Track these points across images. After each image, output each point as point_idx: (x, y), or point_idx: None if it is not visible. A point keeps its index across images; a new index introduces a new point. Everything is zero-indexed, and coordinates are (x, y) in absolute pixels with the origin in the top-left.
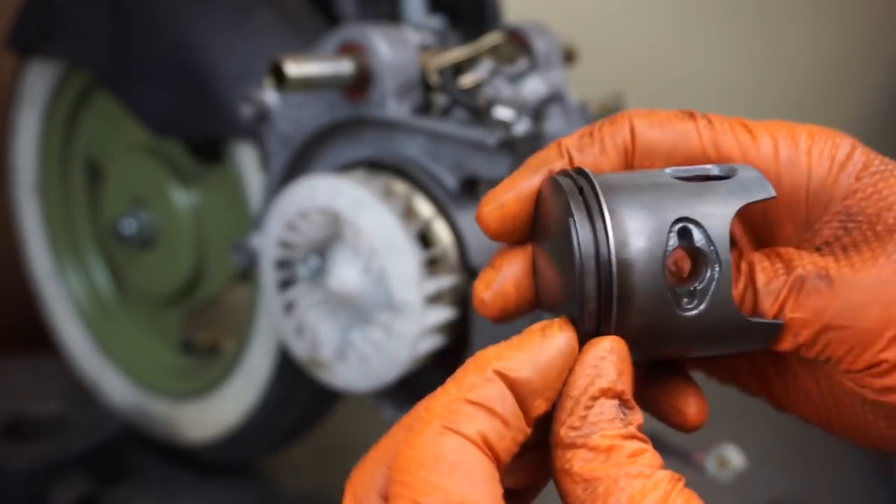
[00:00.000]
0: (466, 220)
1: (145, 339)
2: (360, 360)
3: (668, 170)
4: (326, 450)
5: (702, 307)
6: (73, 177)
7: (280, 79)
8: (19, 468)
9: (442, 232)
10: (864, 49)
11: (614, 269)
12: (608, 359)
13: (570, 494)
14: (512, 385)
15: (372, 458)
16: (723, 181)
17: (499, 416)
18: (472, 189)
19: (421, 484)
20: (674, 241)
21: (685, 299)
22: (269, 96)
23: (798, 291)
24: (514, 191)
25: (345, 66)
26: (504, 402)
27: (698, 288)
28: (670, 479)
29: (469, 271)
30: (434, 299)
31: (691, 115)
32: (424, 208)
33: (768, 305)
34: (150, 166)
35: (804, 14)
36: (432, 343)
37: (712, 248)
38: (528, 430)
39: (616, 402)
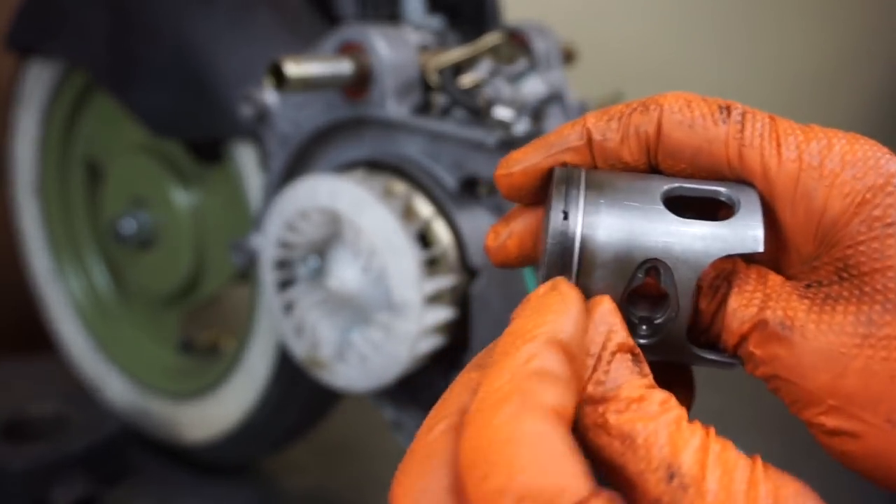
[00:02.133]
0: (466, 219)
1: (145, 339)
2: (359, 360)
3: (675, 183)
4: (326, 450)
5: (654, 340)
6: (73, 177)
7: (280, 79)
8: (19, 468)
9: (441, 232)
10: (864, 49)
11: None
12: (616, 317)
13: (605, 448)
14: (565, 348)
15: (419, 457)
16: (715, 224)
17: (563, 383)
18: (471, 189)
19: (507, 467)
20: (641, 275)
21: (643, 326)
22: (269, 96)
23: (760, 331)
24: (522, 164)
25: (344, 66)
26: (563, 367)
27: (656, 321)
28: (702, 426)
29: (469, 271)
30: (434, 299)
31: (727, 114)
32: (424, 208)
33: (730, 332)
34: (150, 166)
35: (804, 13)
36: (432, 343)
37: (675, 292)
38: (584, 390)
39: (629, 356)
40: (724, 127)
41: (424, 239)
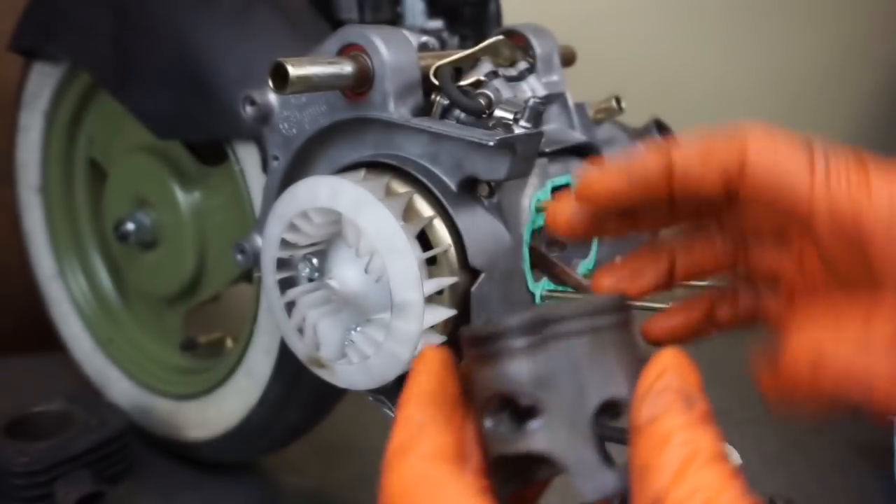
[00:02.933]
0: (467, 219)
1: (148, 338)
2: (360, 360)
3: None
4: (326, 449)
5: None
6: (76, 177)
7: (281, 80)
8: (22, 467)
9: (442, 232)
10: (862, 50)
11: None
12: (671, 368)
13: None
14: (431, 399)
15: None
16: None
17: (436, 428)
18: (472, 189)
19: None
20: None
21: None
22: (271, 97)
23: None
24: (605, 185)
25: (345, 68)
26: (433, 414)
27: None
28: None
29: (469, 271)
30: (434, 299)
31: (810, 153)
32: (425, 208)
33: None
34: (153, 167)
35: (801, 14)
36: (432, 342)
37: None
38: (458, 424)
39: (682, 397)
40: (809, 176)
41: (425, 239)
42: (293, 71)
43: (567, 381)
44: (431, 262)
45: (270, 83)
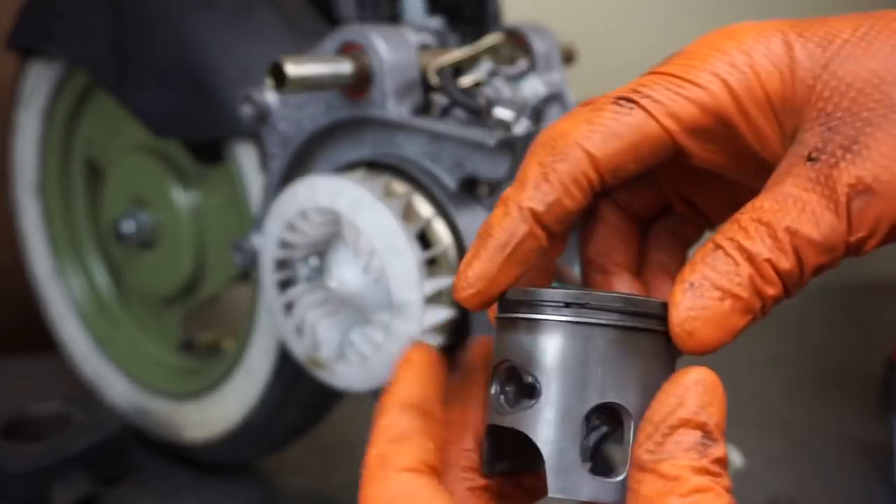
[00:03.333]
0: (466, 220)
1: (146, 339)
2: (359, 360)
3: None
4: (326, 450)
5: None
6: (74, 177)
7: (280, 79)
8: (19, 468)
9: (442, 232)
10: None
11: None
12: (693, 390)
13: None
14: (416, 407)
15: None
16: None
17: (417, 439)
18: (471, 189)
19: None
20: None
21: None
22: (269, 97)
23: None
24: (482, 281)
25: (345, 67)
26: (416, 424)
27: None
28: None
29: None
30: (434, 299)
31: (629, 101)
32: (424, 208)
33: None
34: (151, 166)
35: (801, 15)
36: (432, 343)
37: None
38: (436, 427)
39: (698, 433)
40: (639, 109)
41: (424, 239)
42: (292, 70)
43: (572, 370)
44: (431, 262)
45: (269, 82)
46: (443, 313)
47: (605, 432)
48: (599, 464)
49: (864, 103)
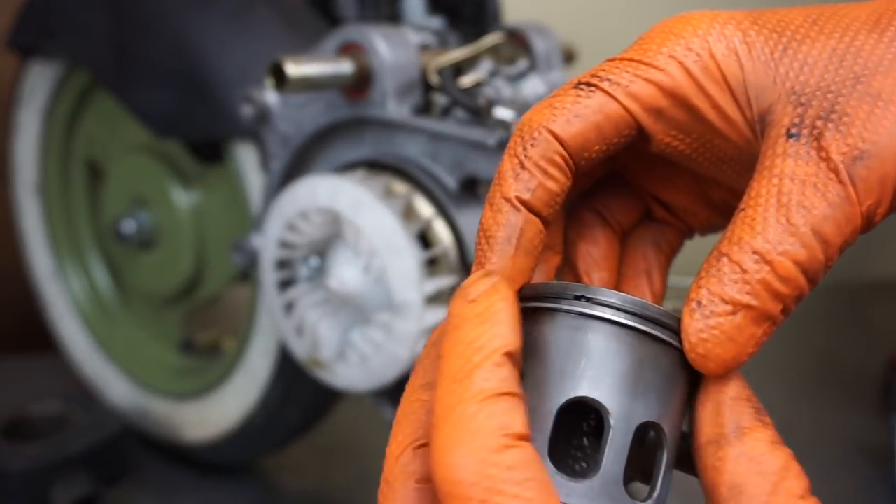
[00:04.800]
0: (466, 220)
1: (146, 338)
2: (360, 360)
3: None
4: (326, 450)
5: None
6: (74, 177)
7: (280, 79)
8: (19, 468)
9: (442, 232)
10: None
11: None
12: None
13: (713, 487)
14: (513, 358)
15: (397, 483)
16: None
17: (518, 399)
18: (472, 189)
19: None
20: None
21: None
22: (270, 96)
23: None
24: (491, 282)
25: (345, 67)
26: (516, 380)
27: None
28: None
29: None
30: (434, 299)
31: (589, 85)
32: (424, 208)
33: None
34: (151, 166)
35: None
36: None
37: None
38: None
39: (750, 403)
40: (598, 92)
41: (425, 239)
42: (292, 70)
43: (555, 360)
44: (431, 262)
45: (269, 82)
46: (443, 313)
47: (589, 442)
48: (576, 463)
49: (830, 79)
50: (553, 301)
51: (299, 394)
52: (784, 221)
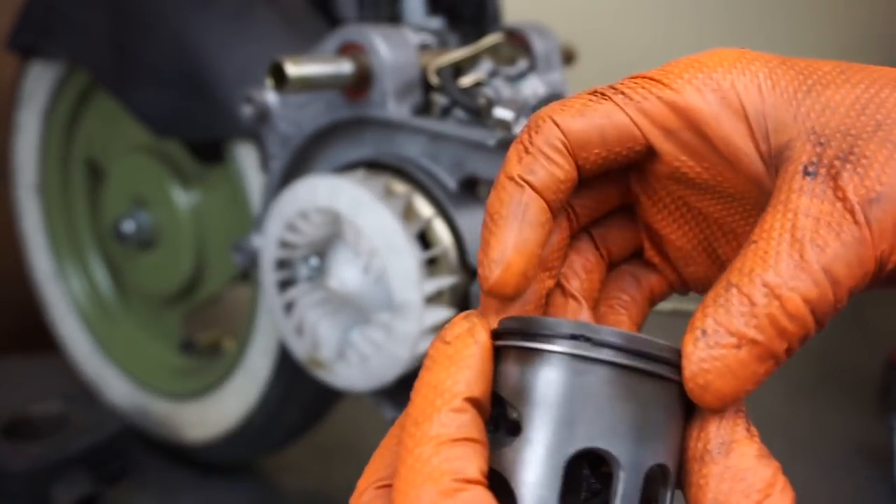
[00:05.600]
0: (466, 220)
1: (146, 338)
2: (360, 360)
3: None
4: (326, 450)
5: None
6: (74, 177)
7: (280, 79)
8: (20, 468)
9: (442, 232)
10: (864, 49)
11: None
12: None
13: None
14: (478, 404)
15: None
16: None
17: (480, 444)
18: (472, 189)
19: None
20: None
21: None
22: (270, 97)
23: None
24: (513, 252)
25: (345, 67)
26: (479, 426)
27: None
28: None
29: (469, 271)
30: (434, 299)
31: (602, 95)
32: (424, 208)
33: None
34: (151, 166)
35: (803, 14)
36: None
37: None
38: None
39: (742, 415)
40: (608, 100)
41: (425, 239)
42: (292, 70)
43: (559, 407)
44: (431, 262)
45: (269, 82)
46: (443, 313)
47: (596, 489)
48: None
49: (851, 123)
50: (547, 341)
51: (299, 394)
52: (797, 257)
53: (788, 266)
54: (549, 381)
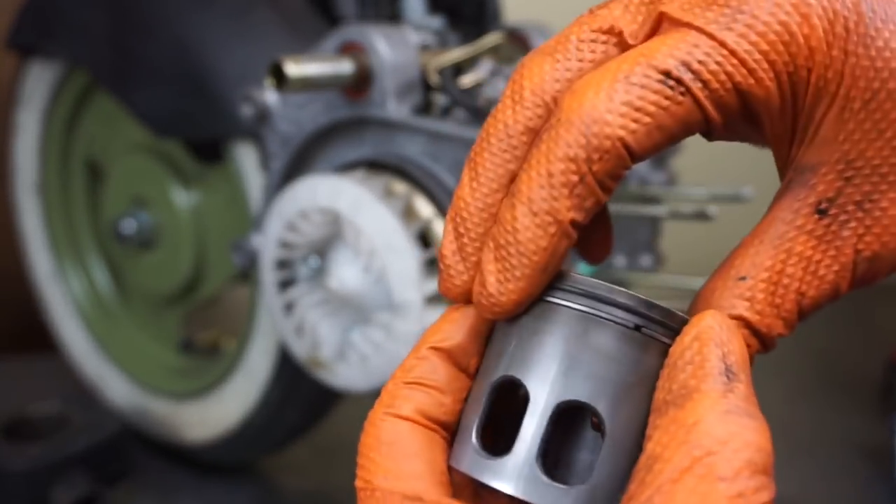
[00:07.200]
0: None
1: (145, 338)
2: (360, 360)
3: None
4: (326, 450)
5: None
6: (74, 177)
7: (280, 79)
8: (19, 468)
9: (442, 232)
10: None
11: None
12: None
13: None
14: (447, 354)
15: None
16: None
17: (435, 388)
18: None
19: (369, 465)
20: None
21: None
22: (270, 96)
23: None
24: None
25: (345, 66)
26: (437, 373)
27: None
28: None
29: None
30: (434, 299)
31: (679, 83)
32: (424, 208)
33: None
34: (151, 166)
35: None
36: None
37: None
38: (469, 383)
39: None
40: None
41: (425, 239)
42: (292, 70)
43: (496, 343)
44: (431, 262)
45: (269, 82)
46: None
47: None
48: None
49: (887, 157)
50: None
51: (299, 394)
52: (777, 305)
53: (770, 315)
54: (521, 322)
